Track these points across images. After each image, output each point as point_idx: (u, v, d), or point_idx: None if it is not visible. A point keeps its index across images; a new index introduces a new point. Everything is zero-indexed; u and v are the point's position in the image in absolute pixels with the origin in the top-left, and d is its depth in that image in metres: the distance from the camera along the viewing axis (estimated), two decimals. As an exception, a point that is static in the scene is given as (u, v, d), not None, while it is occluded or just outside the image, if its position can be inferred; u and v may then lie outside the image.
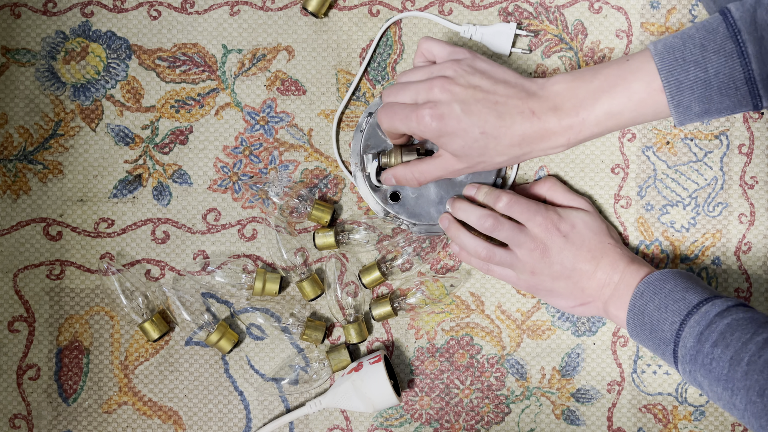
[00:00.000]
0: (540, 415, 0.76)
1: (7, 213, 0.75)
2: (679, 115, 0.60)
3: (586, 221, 0.70)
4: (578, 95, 0.61)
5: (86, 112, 0.75)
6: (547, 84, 0.63)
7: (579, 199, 0.72)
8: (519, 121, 0.62)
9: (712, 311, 0.60)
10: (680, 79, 0.58)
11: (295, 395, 0.75)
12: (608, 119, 0.61)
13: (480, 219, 0.68)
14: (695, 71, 0.58)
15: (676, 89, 0.59)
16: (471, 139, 0.62)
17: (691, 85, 0.58)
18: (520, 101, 0.62)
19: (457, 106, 0.61)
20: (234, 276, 0.74)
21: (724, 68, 0.57)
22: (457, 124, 0.62)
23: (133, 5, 0.75)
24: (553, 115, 0.62)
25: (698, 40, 0.58)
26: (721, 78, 0.58)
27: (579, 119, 0.61)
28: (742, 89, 0.58)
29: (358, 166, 0.73)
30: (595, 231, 0.70)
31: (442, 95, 0.62)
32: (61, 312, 0.75)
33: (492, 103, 0.62)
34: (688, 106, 0.59)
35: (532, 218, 0.68)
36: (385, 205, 0.73)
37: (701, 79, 0.58)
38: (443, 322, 0.75)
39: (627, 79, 0.60)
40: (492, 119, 0.61)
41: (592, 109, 0.61)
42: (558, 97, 0.62)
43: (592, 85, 0.61)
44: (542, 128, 0.62)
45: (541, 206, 0.69)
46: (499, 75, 0.63)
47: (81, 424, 0.75)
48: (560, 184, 0.73)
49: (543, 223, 0.68)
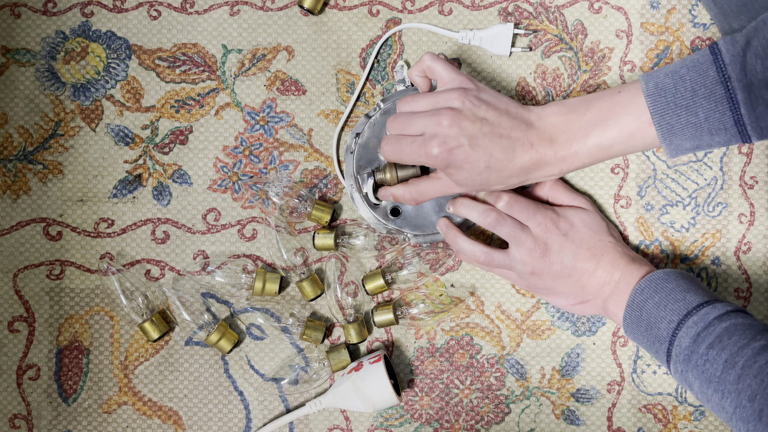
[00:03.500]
0: (540, 415, 0.76)
1: (7, 213, 0.75)
2: (671, 151, 0.62)
3: (586, 220, 0.70)
4: (572, 128, 0.64)
5: (86, 112, 0.75)
6: (543, 114, 0.65)
7: (580, 198, 0.72)
8: (520, 153, 0.64)
9: (711, 314, 0.60)
10: (671, 123, 0.60)
11: (295, 395, 0.75)
12: (599, 151, 0.63)
13: (482, 214, 0.69)
14: (686, 116, 0.60)
15: (668, 132, 0.61)
16: (476, 172, 0.64)
17: (682, 129, 0.60)
18: (521, 133, 0.64)
19: (465, 141, 0.63)
20: (234, 276, 0.74)
21: (714, 113, 0.59)
22: (465, 158, 0.63)
23: (133, 5, 0.75)
24: (549, 146, 0.64)
25: (689, 83, 0.60)
26: (711, 122, 0.59)
27: (572, 151, 0.64)
28: (732, 130, 0.59)
29: (353, 187, 0.73)
30: (594, 229, 0.70)
31: (451, 130, 0.63)
32: (61, 312, 0.75)
33: (497, 137, 0.63)
34: (679, 144, 0.61)
35: (531, 217, 0.68)
36: (387, 222, 0.73)
37: (692, 123, 0.60)
38: (443, 322, 0.75)
39: (618, 113, 0.62)
40: (497, 153, 0.63)
41: (584, 142, 0.63)
42: (554, 129, 0.64)
43: (585, 118, 0.64)
44: (538, 159, 0.64)
45: (540, 206, 0.70)
46: (502, 106, 0.65)
47: (81, 424, 0.75)
48: (561, 183, 0.73)
49: (543, 222, 0.68)
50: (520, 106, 0.66)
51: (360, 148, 0.73)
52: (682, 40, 0.74)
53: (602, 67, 0.75)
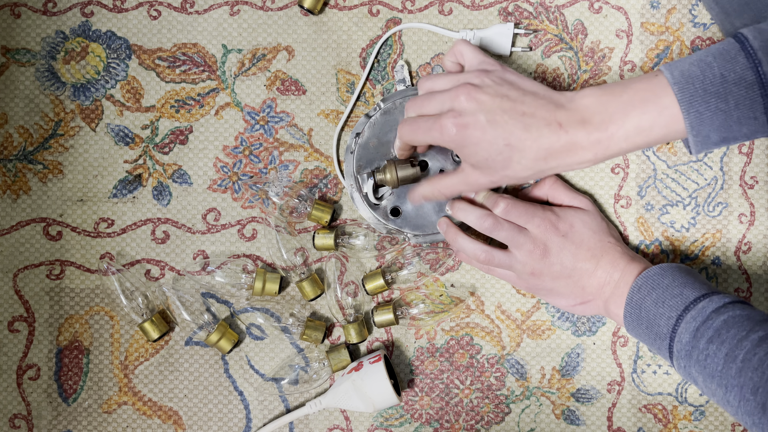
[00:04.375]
0: (540, 415, 0.76)
1: (7, 213, 0.75)
2: (696, 144, 0.59)
3: (585, 220, 0.70)
4: (608, 109, 0.60)
5: (86, 112, 0.75)
6: (576, 97, 0.61)
7: (580, 198, 0.72)
8: (546, 133, 0.60)
9: (708, 307, 0.60)
10: (700, 110, 0.57)
11: (295, 395, 0.75)
12: (638, 134, 0.59)
13: (479, 219, 0.68)
14: (716, 102, 0.57)
15: (697, 120, 0.58)
16: (495, 151, 0.61)
17: (711, 117, 0.57)
18: (548, 113, 0.60)
19: (482, 116, 0.60)
20: (234, 276, 0.74)
21: (745, 100, 0.57)
22: (482, 135, 0.60)
23: (133, 5, 0.75)
24: (581, 128, 0.60)
25: (717, 70, 0.57)
26: (741, 109, 0.57)
27: (608, 134, 0.60)
28: (761, 119, 0.57)
29: (353, 187, 0.73)
30: (594, 230, 0.70)
31: (468, 104, 0.60)
32: (61, 312, 0.75)
33: (519, 114, 0.60)
34: (707, 135, 0.58)
35: (530, 220, 0.68)
36: (387, 222, 0.73)
37: (722, 110, 0.57)
38: (443, 322, 0.75)
39: (658, 94, 0.59)
40: (518, 131, 0.60)
41: (621, 124, 0.59)
42: (587, 111, 0.60)
43: (622, 98, 0.60)
44: (569, 142, 0.60)
45: (538, 208, 0.69)
46: (527, 86, 0.62)
47: (81, 424, 0.75)
48: (561, 182, 0.73)
49: (541, 224, 0.68)
50: (550, 89, 0.62)
51: (360, 148, 0.73)
52: (682, 40, 0.74)
53: (602, 67, 0.75)
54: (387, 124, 0.73)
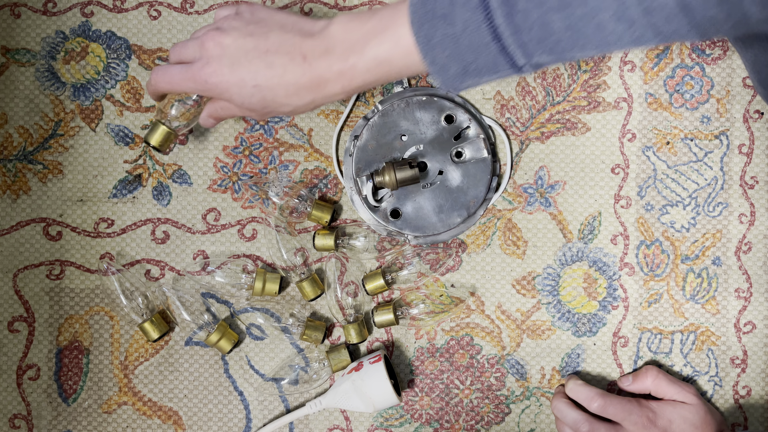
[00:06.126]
0: (540, 415, 0.76)
1: (7, 213, 0.75)
2: (438, 76, 0.54)
3: (686, 416, 0.68)
4: (351, 38, 0.55)
5: (86, 112, 0.75)
6: (330, 24, 0.57)
7: (684, 392, 0.70)
8: (290, 68, 0.57)
9: None
10: (429, 34, 0.52)
11: (295, 395, 0.75)
12: (378, 66, 0.55)
13: (574, 425, 0.69)
14: (443, 26, 0.52)
15: (426, 44, 0.53)
16: (247, 95, 0.58)
17: (441, 41, 0.52)
18: (293, 46, 0.57)
19: (226, 61, 0.58)
20: (234, 276, 0.74)
21: (471, 23, 0.51)
22: (230, 79, 0.58)
23: (133, 5, 0.75)
24: (323, 59, 0.56)
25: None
26: (470, 35, 0.51)
27: (349, 64, 0.56)
28: (492, 47, 0.51)
29: (353, 189, 0.73)
30: (696, 425, 0.67)
31: (214, 50, 0.58)
32: (61, 312, 0.75)
33: (262, 52, 0.57)
34: (444, 65, 0.53)
35: (627, 417, 0.67)
36: (387, 223, 0.73)
37: (449, 35, 0.52)
38: (443, 323, 0.75)
39: (397, 22, 0.54)
40: (262, 70, 0.57)
41: (362, 54, 0.55)
42: (332, 39, 0.56)
43: (366, 26, 0.55)
44: (315, 76, 0.57)
45: (636, 404, 0.68)
46: (276, 19, 0.59)
47: (81, 424, 0.75)
48: (664, 375, 0.71)
49: (639, 421, 0.67)
50: (304, 19, 0.58)
51: (359, 151, 0.73)
52: (682, 40, 0.74)
53: (602, 67, 0.75)
54: (385, 126, 0.73)
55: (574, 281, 0.75)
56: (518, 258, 0.75)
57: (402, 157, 0.73)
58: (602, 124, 0.75)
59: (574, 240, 0.75)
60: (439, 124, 0.73)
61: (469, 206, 0.73)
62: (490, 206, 0.75)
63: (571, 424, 0.69)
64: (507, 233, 0.75)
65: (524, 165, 0.75)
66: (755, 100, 0.74)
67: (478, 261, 0.75)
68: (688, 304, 0.75)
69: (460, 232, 0.74)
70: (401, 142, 0.73)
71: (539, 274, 0.75)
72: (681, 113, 0.75)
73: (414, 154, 0.72)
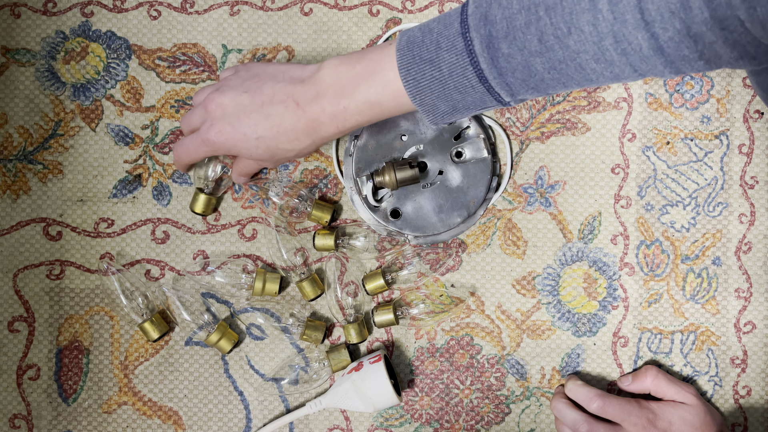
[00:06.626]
0: (540, 415, 0.76)
1: (7, 213, 0.75)
2: (428, 115, 0.58)
3: (685, 417, 0.68)
4: (341, 82, 0.59)
5: (86, 112, 0.75)
6: (320, 69, 0.60)
7: (684, 392, 0.70)
8: (286, 116, 0.60)
9: None
10: (417, 78, 0.56)
11: (295, 395, 0.75)
12: (369, 108, 0.59)
13: (573, 425, 0.69)
14: (431, 71, 0.55)
15: (414, 87, 0.56)
16: (252, 147, 0.62)
17: (429, 84, 0.56)
18: (285, 94, 0.60)
19: (228, 119, 0.62)
20: (234, 276, 0.74)
21: (456, 67, 0.55)
22: (234, 135, 0.62)
23: (133, 5, 0.75)
24: (316, 104, 0.59)
25: (435, 36, 0.55)
26: (455, 78, 0.55)
27: (341, 107, 0.59)
28: (479, 88, 0.55)
29: (353, 189, 0.73)
30: (696, 426, 0.68)
31: (216, 111, 0.62)
32: (61, 312, 0.75)
33: (258, 106, 0.61)
34: (434, 104, 0.57)
35: (626, 418, 0.67)
36: (387, 224, 0.73)
37: (437, 78, 0.55)
38: (443, 323, 0.75)
39: (384, 66, 0.57)
40: (261, 122, 0.61)
41: (352, 98, 0.58)
42: (323, 84, 0.59)
43: (355, 70, 0.58)
44: (310, 119, 0.60)
45: (635, 405, 0.68)
46: (268, 72, 0.62)
47: (81, 424, 0.75)
48: (663, 375, 0.71)
49: (638, 422, 0.67)
50: (295, 66, 0.62)
51: (358, 151, 0.73)
52: (682, 40, 0.74)
53: (602, 67, 0.75)
54: (384, 126, 0.73)
55: (574, 281, 0.75)
56: (518, 258, 0.75)
57: (402, 157, 0.73)
58: (602, 124, 0.75)
59: (574, 240, 0.75)
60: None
61: (469, 206, 0.73)
62: (490, 206, 0.75)
63: (571, 424, 0.69)
64: (507, 233, 0.75)
65: (524, 165, 0.75)
66: (755, 100, 0.74)
67: (478, 261, 0.75)
68: (688, 304, 0.75)
69: (460, 232, 0.74)
70: (401, 142, 0.73)
71: (539, 274, 0.75)
72: (681, 113, 0.75)
73: (414, 154, 0.73)
